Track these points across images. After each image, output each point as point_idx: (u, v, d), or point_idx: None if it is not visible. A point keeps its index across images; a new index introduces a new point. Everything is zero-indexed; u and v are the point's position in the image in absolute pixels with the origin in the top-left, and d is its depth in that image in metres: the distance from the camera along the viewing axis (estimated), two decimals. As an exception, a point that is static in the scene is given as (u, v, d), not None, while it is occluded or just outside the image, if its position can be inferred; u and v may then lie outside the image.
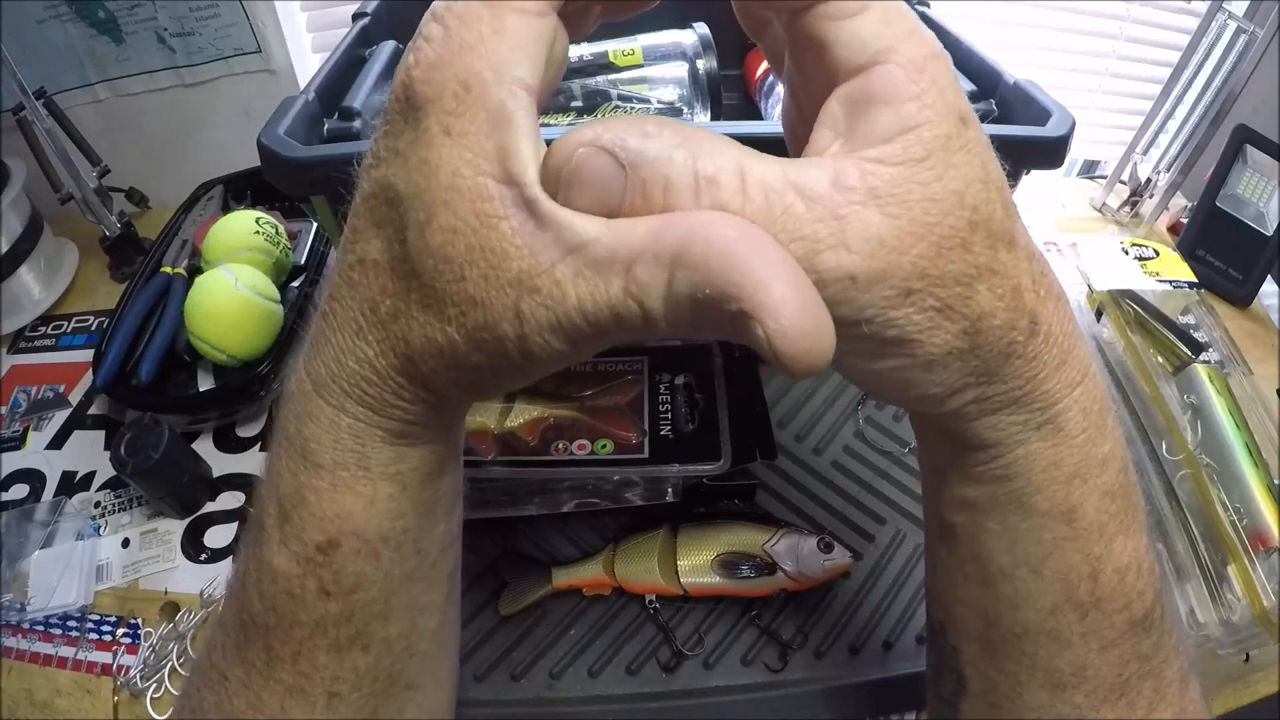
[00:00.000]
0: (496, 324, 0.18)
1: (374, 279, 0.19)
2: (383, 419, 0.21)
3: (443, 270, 0.18)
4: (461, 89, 0.17)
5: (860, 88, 0.18)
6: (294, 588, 0.22)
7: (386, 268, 0.19)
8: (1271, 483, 0.50)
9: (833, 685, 0.44)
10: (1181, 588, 0.50)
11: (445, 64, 0.18)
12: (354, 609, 0.22)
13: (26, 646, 0.50)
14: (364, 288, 0.20)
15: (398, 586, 0.23)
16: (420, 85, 0.18)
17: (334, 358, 0.21)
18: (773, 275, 0.16)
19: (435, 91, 0.18)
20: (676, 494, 0.48)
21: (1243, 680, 0.48)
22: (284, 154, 0.35)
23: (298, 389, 0.22)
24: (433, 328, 0.19)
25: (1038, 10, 0.83)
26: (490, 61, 0.18)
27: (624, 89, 0.52)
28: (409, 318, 0.19)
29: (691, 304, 0.16)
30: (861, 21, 0.18)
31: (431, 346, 0.19)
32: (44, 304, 0.72)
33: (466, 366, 0.19)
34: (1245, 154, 0.72)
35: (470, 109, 0.17)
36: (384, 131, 0.19)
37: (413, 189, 0.18)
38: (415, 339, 0.19)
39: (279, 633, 0.22)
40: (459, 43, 0.18)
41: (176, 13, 0.70)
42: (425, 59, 0.18)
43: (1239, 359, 0.60)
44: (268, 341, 0.60)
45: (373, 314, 0.20)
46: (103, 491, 0.58)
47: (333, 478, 0.21)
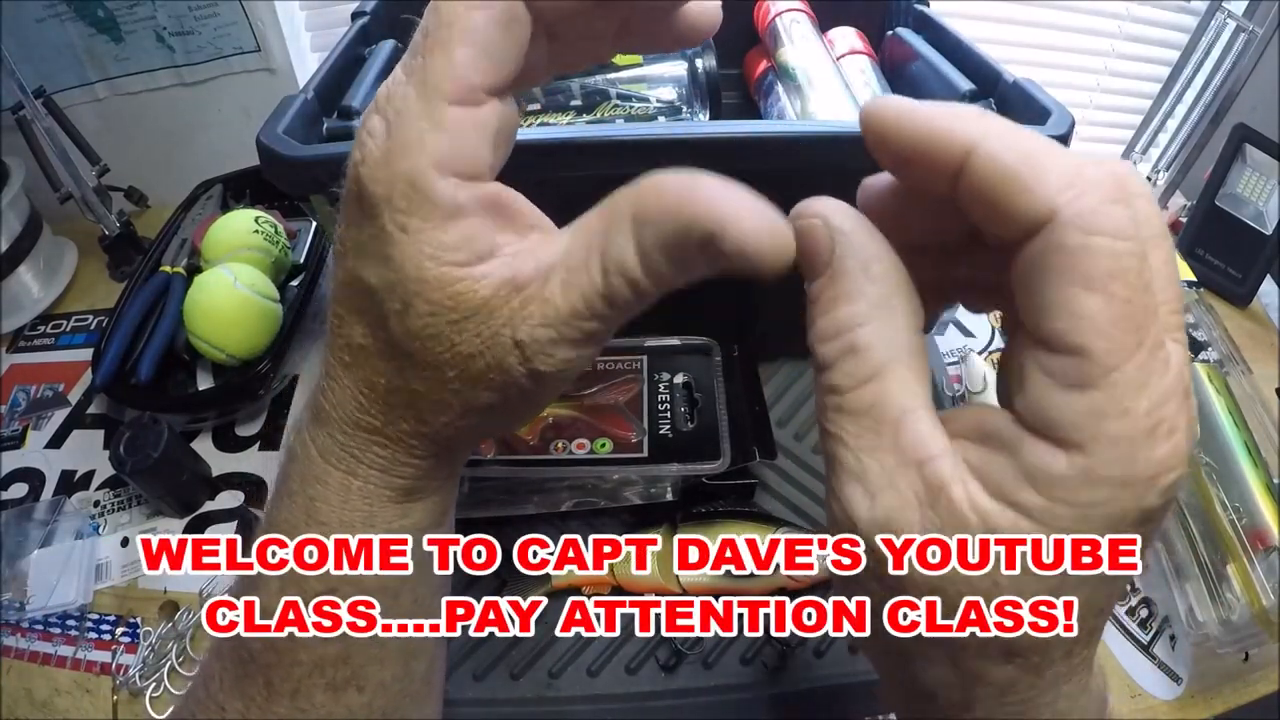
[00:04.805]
0: (500, 362, 0.19)
1: (365, 361, 0.20)
2: (393, 478, 0.22)
3: (431, 346, 0.19)
4: (409, 188, 0.18)
5: (1030, 452, 0.15)
6: (294, 629, 0.22)
7: (374, 351, 0.20)
8: (1271, 482, 0.50)
9: (832, 685, 0.44)
10: (1181, 587, 0.50)
11: (390, 162, 0.18)
12: (350, 652, 0.23)
13: (26, 645, 0.50)
14: (357, 369, 0.21)
15: (393, 632, 0.24)
16: (370, 184, 0.18)
17: (340, 429, 0.21)
18: (722, 196, 0.16)
19: (385, 191, 0.18)
20: (676, 493, 0.48)
21: (1242, 679, 0.48)
22: (283, 153, 0.35)
23: (303, 453, 0.22)
24: (437, 390, 0.20)
25: (1037, 9, 0.83)
26: (434, 159, 0.18)
27: (623, 88, 0.52)
28: (410, 390, 0.20)
29: (663, 251, 0.17)
30: (1071, 400, 0.15)
31: (440, 407, 0.20)
32: (43, 303, 0.72)
33: (477, 410, 0.20)
34: (1244, 153, 0.72)
35: (422, 208, 0.18)
36: (345, 223, 0.20)
37: (382, 282, 0.19)
38: (422, 405, 0.20)
39: (279, 670, 0.22)
40: (400, 142, 0.18)
41: (175, 12, 0.70)
42: (371, 156, 0.18)
43: (1238, 358, 0.60)
44: (267, 340, 0.60)
45: (371, 391, 0.21)
46: (102, 490, 0.58)
47: (338, 536, 0.22)
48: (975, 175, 0.15)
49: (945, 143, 0.16)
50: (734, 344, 0.51)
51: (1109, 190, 0.15)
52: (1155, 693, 0.48)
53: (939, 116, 0.16)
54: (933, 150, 0.16)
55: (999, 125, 0.16)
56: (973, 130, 0.15)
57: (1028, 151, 0.15)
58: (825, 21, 0.61)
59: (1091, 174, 0.15)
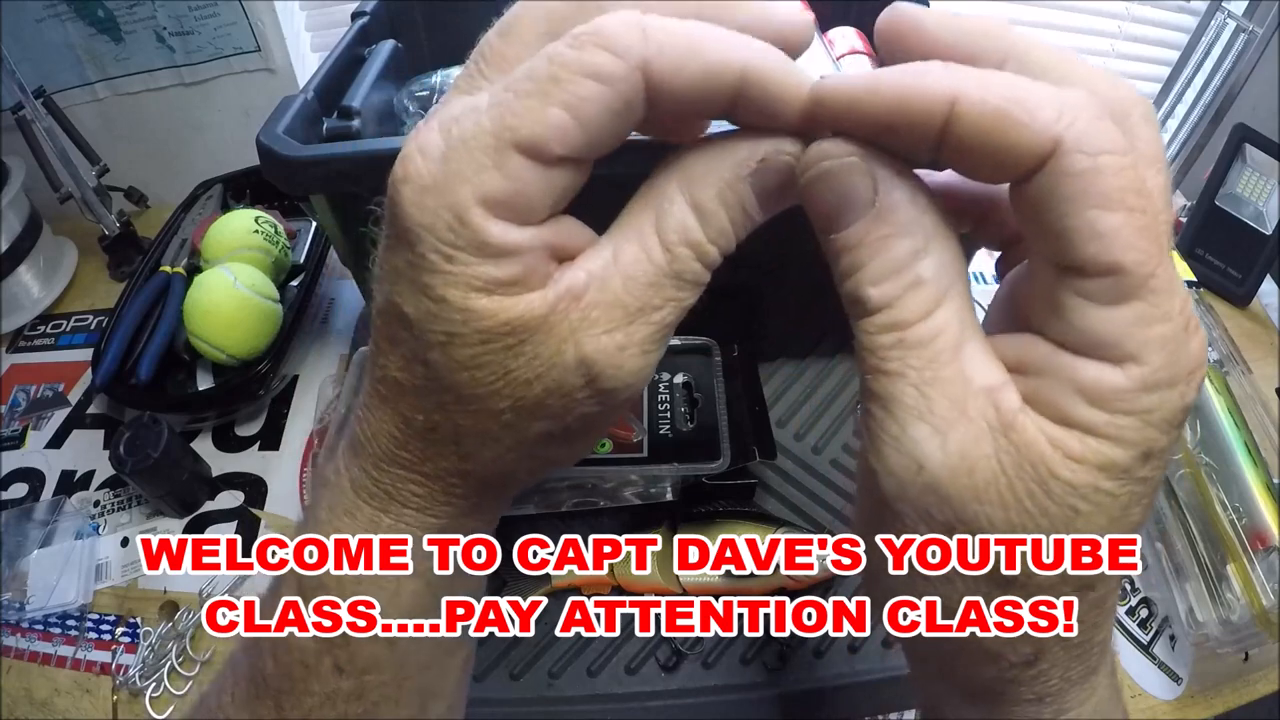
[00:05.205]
0: (560, 385, 0.17)
1: (400, 397, 0.19)
2: (429, 518, 0.20)
3: (481, 376, 0.17)
4: (457, 223, 0.16)
5: (1083, 373, 0.16)
6: (309, 659, 0.21)
7: (410, 388, 0.19)
8: (1270, 482, 0.50)
9: (832, 684, 0.44)
10: (1181, 587, 0.50)
11: (441, 190, 0.16)
12: (365, 689, 0.22)
13: (26, 645, 0.50)
14: (393, 403, 0.19)
15: (411, 673, 0.23)
16: (411, 208, 0.16)
17: (374, 463, 0.20)
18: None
19: (429, 220, 0.16)
20: (676, 493, 0.48)
21: (1242, 679, 0.48)
22: (283, 153, 0.35)
23: (335, 481, 0.21)
24: (485, 423, 0.18)
25: (1037, 9, 0.83)
26: (488, 198, 0.16)
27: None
28: (453, 425, 0.18)
29: (721, 199, 0.17)
30: (1115, 315, 0.15)
31: (486, 442, 0.19)
32: (43, 303, 0.72)
33: (529, 443, 0.19)
34: (1244, 153, 0.72)
35: (468, 245, 0.16)
36: (384, 245, 0.18)
37: (422, 314, 0.17)
38: (467, 441, 0.19)
39: (290, 697, 0.22)
40: (455, 170, 0.16)
41: (175, 12, 0.70)
42: (418, 177, 0.16)
43: (1238, 358, 0.60)
44: (267, 340, 0.60)
45: (408, 428, 0.19)
46: (102, 490, 0.58)
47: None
48: (965, 123, 0.15)
49: (926, 101, 0.15)
50: (734, 344, 0.51)
51: (1094, 109, 0.15)
52: (1155, 693, 0.48)
53: (912, 76, 0.16)
54: (913, 111, 0.15)
55: (971, 72, 0.15)
56: (951, 82, 0.15)
57: (1011, 88, 0.15)
58: (825, 21, 0.61)
59: (1073, 98, 0.15)
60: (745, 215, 0.17)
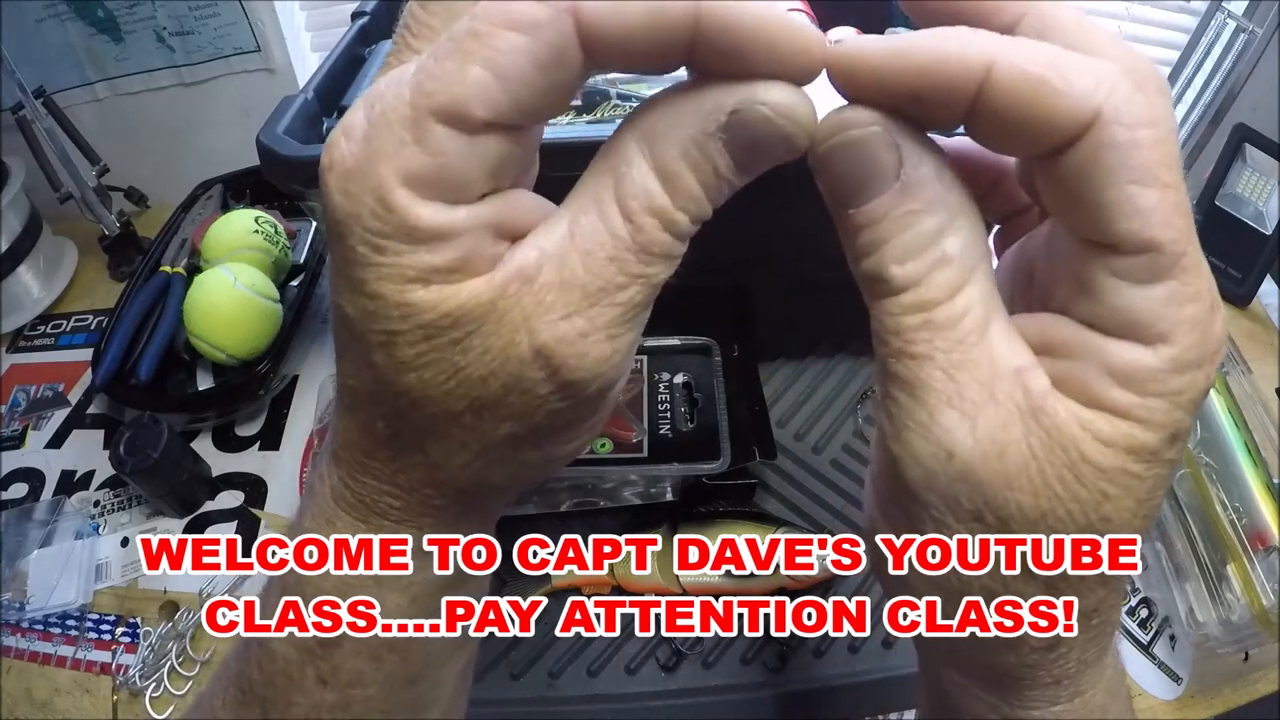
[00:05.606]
0: (518, 381, 0.16)
1: (358, 405, 0.18)
2: (408, 531, 0.19)
3: (430, 377, 0.16)
4: (381, 207, 0.14)
5: (1114, 354, 0.15)
6: (292, 671, 0.21)
7: (364, 395, 0.17)
8: (1270, 482, 0.50)
9: (832, 684, 0.44)
10: (1181, 587, 0.50)
11: (362, 172, 0.15)
12: (351, 701, 0.21)
13: (26, 645, 0.50)
14: (355, 413, 0.18)
15: (399, 687, 0.22)
16: (337, 196, 0.15)
17: (349, 473, 0.19)
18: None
19: (352, 206, 0.15)
20: (676, 493, 0.48)
21: (1242, 679, 0.48)
22: (283, 153, 0.35)
23: (319, 489, 0.20)
24: (445, 429, 0.17)
25: (1037, 9, 0.83)
26: (413, 177, 0.14)
27: (623, 87, 0.51)
28: (414, 432, 0.17)
29: (686, 158, 0.15)
30: (1148, 294, 0.15)
31: (452, 450, 0.17)
32: (43, 303, 0.72)
33: (497, 447, 0.17)
34: (1244, 153, 0.72)
35: (396, 232, 0.15)
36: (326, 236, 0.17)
37: (360, 313, 0.16)
38: (432, 449, 0.17)
39: (276, 706, 0.21)
40: (375, 149, 0.14)
41: (175, 12, 0.70)
42: (340, 161, 0.15)
43: (1238, 358, 0.60)
44: (267, 340, 0.60)
45: (372, 437, 0.18)
46: (102, 490, 0.58)
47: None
48: (1001, 90, 0.14)
49: (959, 67, 0.14)
50: (734, 344, 0.51)
51: (1127, 81, 0.14)
52: (1155, 693, 0.48)
53: (943, 41, 0.14)
54: (946, 78, 0.14)
55: (1007, 39, 0.14)
56: (988, 47, 0.14)
57: (1049, 55, 0.14)
58: (825, 21, 0.61)
59: (1106, 69, 0.14)
60: (718, 177, 0.15)
